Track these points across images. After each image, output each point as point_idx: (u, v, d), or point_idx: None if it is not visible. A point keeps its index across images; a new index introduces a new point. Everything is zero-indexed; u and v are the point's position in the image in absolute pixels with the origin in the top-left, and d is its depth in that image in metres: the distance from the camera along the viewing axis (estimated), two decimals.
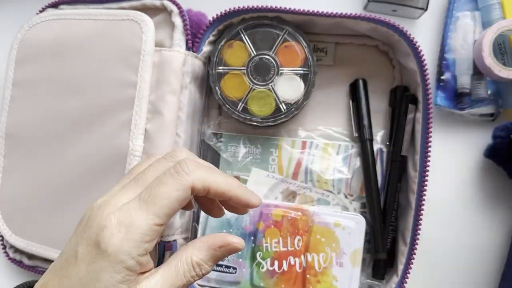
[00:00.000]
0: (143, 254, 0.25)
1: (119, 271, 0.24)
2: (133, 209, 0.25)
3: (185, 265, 0.27)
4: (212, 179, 0.27)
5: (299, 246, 0.41)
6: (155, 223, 0.25)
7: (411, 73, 0.42)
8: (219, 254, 0.28)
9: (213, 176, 0.27)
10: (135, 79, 0.40)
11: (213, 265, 0.28)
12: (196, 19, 0.44)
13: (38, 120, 0.43)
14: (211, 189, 0.27)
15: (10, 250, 0.46)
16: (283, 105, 0.42)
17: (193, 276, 0.27)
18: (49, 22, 0.44)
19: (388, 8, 0.44)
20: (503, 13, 0.43)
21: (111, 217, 0.25)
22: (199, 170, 0.27)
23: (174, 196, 0.25)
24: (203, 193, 0.27)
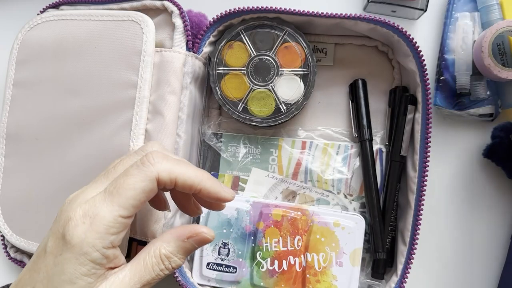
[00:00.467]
0: (109, 246, 0.25)
1: (84, 263, 0.24)
2: (99, 200, 0.25)
3: (153, 258, 0.26)
4: (179, 170, 0.26)
5: (299, 246, 0.41)
6: (120, 215, 0.25)
7: (411, 74, 0.42)
8: (188, 246, 0.27)
9: (180, 168, 0.26)
10: (135, 79, 0.40)
11: (184, 258, 0.27)
12: (197, 19, 0.44)
13: (38, 120, 0.43)
14: (178, 181, 0.26)
15: (11, 250, 0.46)
16: (283, 106, 0.43)
17: (162, 270, 0.26)
18: (50, 23, 0.44)
19: (387, 8, 0.45)
20: (502, 13, 0.43)
21: (77, 209, 0.25)
22: (166, 161, 0.26)
23: (139, 187, 0.25)
24: (170, 185, 0.26)
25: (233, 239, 0.42)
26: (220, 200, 0.29)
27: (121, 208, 0.25)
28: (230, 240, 0.42)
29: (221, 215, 0.43)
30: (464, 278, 0.45)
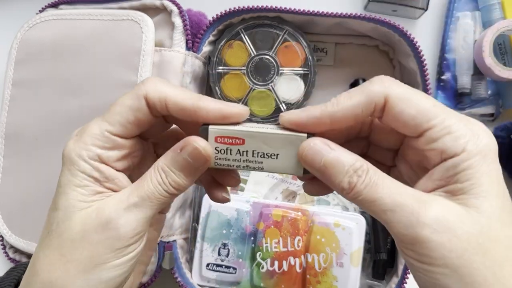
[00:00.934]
0: (95, 159, 0.24)
1: (75, 174, 0.24)
2: (93, 120, 0.25)
3: (152, 171, 0.25)
4: (171, 92, 0.24)
5: (299, 246, 0.41)
6: (106, 129, 0.24)
7: (412, 73, 0.42)
8: (181, 159, 0.24)
9: (173, 90, 0.24)
10: (135, 79, 0.40)
11: (181, 174, 0.24)
12: (196, 19, 0.43)
13: (38, 120, 0.43)
14: (168, 102, 0.24)
15: (10, 251, 0.46)
16: (283, 105, 0.42)
17: (160, 183, 0.24)
18: (49, 22, 0.44)
19: (388, 8, 0.44)
20: (503, 13, 0.43)
21: (75, 131, 0.26)
22: (159, 83, 0.24)
23: (127, 104, 0.24)
24: (160, 107, 0.24)
25: (233, 240, 0.42)
26: (226, 117, 0.24)
27: (106, 123, 0.24)
28: (230, 241, 0.42)
29: (221, 216, 0.42)
30: None
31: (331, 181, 0.23)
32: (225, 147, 0.25)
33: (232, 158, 0.25)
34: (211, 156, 0.24)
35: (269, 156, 0.25)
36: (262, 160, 0.25)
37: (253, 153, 0.25)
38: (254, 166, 0.25)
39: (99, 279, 0.23)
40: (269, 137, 0.25)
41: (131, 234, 0.23)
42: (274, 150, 0.25)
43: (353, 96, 0.24)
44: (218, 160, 0.25)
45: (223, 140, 0.24)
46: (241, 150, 0.25)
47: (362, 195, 0.22)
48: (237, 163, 0.25)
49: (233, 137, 0.25)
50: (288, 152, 0.25)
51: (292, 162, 0.25)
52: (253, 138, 0.24)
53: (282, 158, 0.25)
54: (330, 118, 0.24)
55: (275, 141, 0.25)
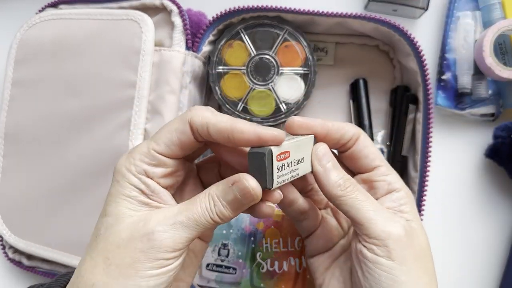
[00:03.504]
0: (142, 174, 0.26)
1: (124, 186, 0.26)
2: (144, 141, 0.28)
3: (202, 196, 0.26)
4: (212, 117, 0.26)
5: (299, 247, 0.41)
6: (153, 148, 0.26)
7: (412, 73, 0.42)
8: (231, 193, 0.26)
9: (215, 115, 0.26)
10: (134, 79, 0.40)
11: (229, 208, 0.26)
12: (196, 18, 0.43)
13: (37, 120, 0.43)
14: (209, 125, 0.26)
15: (10, 251, 0.46)
16: (283, 105, 0.42)
17: (208, 211, 0.26)
18: (49, 22, 0.44)
19: (388, 7, 0.44)
20: (503, 13, 0.43)
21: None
22: (204, 110, 0.27)
23: (173, 127, 0.27)
24: (202, 131, 0.26)
25: (233, 240, 0.42)
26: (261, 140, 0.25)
27: (154, 143, 0.27)
28: (230, 241, 0.42)
29: None
30: (466, 278, 0.45)
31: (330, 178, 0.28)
32: (281, 164, 0.26)
33: (285, 172, 0.26)
34: (259, 196, 0.25)
35: (300, 161, 0.27)
36: (298, 166, 0.27)
37: (294, 162, 0.27)
38: (294, 174, 0.27)
39: (137, 286, 0.24)
40: (299, 144, 0.27)
41: (172, 248, 0.25)
42: (302, 154, 0.27)
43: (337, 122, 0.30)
44: (279, 179, 0.26)
45: (281, 158, 0.26)
46: (288, 162, 0.26)
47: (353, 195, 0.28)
48: (288, 176, 0.27)
49: (285, 152, 0.26)
50: (307, 153, 0.28)
51: (309, 162, 0.28)
52: (291, 149, 0.26)
53: (305, 160, 0.28)
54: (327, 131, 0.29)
55: (302, 146, 0.27)
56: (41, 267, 0.46)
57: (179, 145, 0.27)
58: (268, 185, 0.25)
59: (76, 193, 0.42)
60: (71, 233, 0.42)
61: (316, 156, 0.28)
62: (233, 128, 0.25)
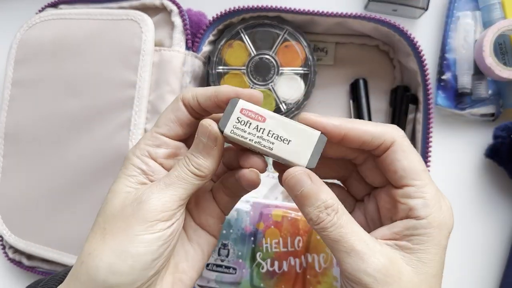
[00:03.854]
0: (145, 155, 0.28)
1: (127, 166, 0.28)
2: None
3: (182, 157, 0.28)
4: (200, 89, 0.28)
5: (299, 247, 0.41)
6: (155, 130, 0.29)
7: (412, 73, 0.42)
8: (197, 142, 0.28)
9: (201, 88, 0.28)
10: (134, 78, 0.40)
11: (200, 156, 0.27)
12: (196, 18, 0.43)
13: (37, 120, 0.43)
14: (198, 95, 0.28)
15: (10, 251, 0.46)
16: (283, 105, 0.42)
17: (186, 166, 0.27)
18: (49, 22, 0.44)
19: (388, 7, 0.44)
20: (503, 12, 0.43)
21: None
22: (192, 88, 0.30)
23: (169, 108, 0.29)
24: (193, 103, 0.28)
25: (233, 240, 0.42)
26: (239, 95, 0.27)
27: (156, 126, 0.29)
28: (230, 241, 0.42)
29: None
30: (466, 278, 0.45)
31: (302, 209, 0.26)
32: (246, 119, 0.27)
33: (248, 131, 0.27)
34: (217, 131, 0.27)
35: (282, 140, 0.27)
36: (274, 141, 0.27)
37: (269, 133, 0.27)
38: (265, 145, 0.27)
39: (128, 252, 0.25)
40: (289, 124, 0.27)
41: (161, 208, 0.26)
42: (288, 136, 0.27)
43: (368, 124, 0.27)
44: (235, 129, 0.27)
45: (247, 113, 0.27)
46: (259, 127, 0.27)
47: (327, 231, 0.25)
48: (251, 136, 0.27)
49: (257, 113, 0.27)
50: (299, 142, 0.27)
51: (299, 152, 0.27)
52: (274, 120, 0.27)
53: (293, 145, 0.27)
54: (345, 133, 0.27)
55: (292, 129, 0.27)
56: (41, 267, 0.46)
57: (177, 122, 0.28)
58: (221, 126, 0.27)
59: (76, 193, 0.42)
60: (71, 233, 0.42)
61: (287, 185, 0.26)
62: (217, 90, 0.27)
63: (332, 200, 0.26)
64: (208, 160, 0.27)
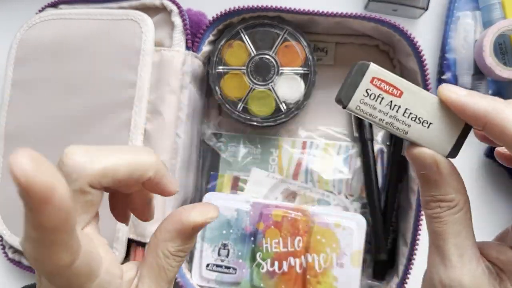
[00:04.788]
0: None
1: None
2: None
3: (167, 259, 0.25)
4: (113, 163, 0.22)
5: (299, 247, 0.41)
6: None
7: (412, 73, 0.42)
8: (195, 233, 0.25)
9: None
10: (134, 78, 0.40)
11: (194, 241, 0.25)
12: (196, 18, 0.43)
13: (37, 120, 0.43)
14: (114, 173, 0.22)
15: (9, 251, 0.46)
16: (283, 105, 0.42)
17: (179, 261, 0.25)
18: (49, 22, 0.44)
19: (388, 7, 0.44)
20: (503, 12, 0.43)
21: None
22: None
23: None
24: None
25: (233, 240, 0.42)
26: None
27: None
28: (230, 241, 0.42)
29: (221, 216, 0.42)
30: None
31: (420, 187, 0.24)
32: (378, 93, 0.22)
33: (379, 109, 0.22)
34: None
35: (421, 121, 0.22)
36: (411, 123, 0.22)
37: (405, 112, 0.22)
38: (398, 127, 0.22)
39: None
40: (432, 102, 0.22)
41: None
42: (429, 117, 0.22)
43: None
44: (363, 104, 0.22)
45: (380, 84, 0.22)
46: (394, 104, 0.22)
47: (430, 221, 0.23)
48: (382, 116, 0.22)
49: (393, 85, 0.22)
50: (442, 127, 0.22)
51: (442, 139, 0.22)
52: (413, 95, 0.22)
53: (434, 130, 0.22)
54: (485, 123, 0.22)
55: (435, 109, 0.22)
56: None
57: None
58: (343, 98, 0.22)
59: None
60: None
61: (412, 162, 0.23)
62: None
63: (452, 196, 0.23)
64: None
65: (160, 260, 0.25)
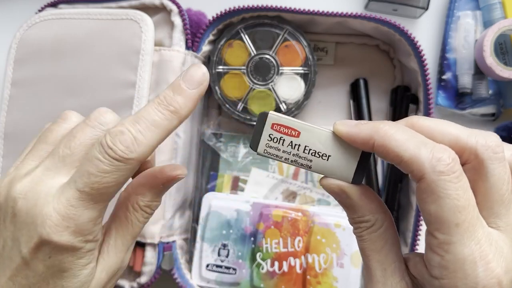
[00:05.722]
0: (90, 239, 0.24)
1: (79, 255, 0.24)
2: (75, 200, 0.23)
3: (135, 212, 0.26)
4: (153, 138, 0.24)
5: (300, 247, 0.41)
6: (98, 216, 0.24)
7: (412, 73, 0.42)
8: (164, 189, 0.27)
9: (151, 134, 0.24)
10: (134, 78, 0.40)
11: (161, 199, 0.27)
12: (196, 18, 0.43)
13: (37, 119, 0.43)
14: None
15: None
16: (283, 105, 0.42)
17: (146, 217, 0.27)
18: (48, 22, 0.44)
19: (389, 7, 0.44)
20: (504, 12, 0.43)
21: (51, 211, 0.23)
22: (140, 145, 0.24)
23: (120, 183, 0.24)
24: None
25: (233, 240, 0.42)
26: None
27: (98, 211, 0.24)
28: (230, 241, 0.42)
29: (221, 216, 0.42)
30: None
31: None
32: (278, 136, 0.25)
33: (282, 149, 0.25)
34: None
35: (320, 155, 0.24)
36: (312, 158, 0.25)
37: (305, 149, 0.24)
38: (302, 163, 0.25)
39: None
40: (326, 136, 0.24)
41: None
42: (326, 150, 0.24)
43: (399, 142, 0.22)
44: (268, 148, 0.25)
45: (279, 128, 0.25)
46: (294, 143, 0.25)
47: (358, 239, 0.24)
48: (286, 155, 0.25)
49: (290, 128, 0.25)
50: (341, 157, 0.24)
51: (343, 168, 0.24)
52: (309, 133, 0.24)
53: (333, 161, 0.24)
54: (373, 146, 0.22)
55: (330, 142, 0.24)
56: None
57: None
58: (252, 145, 0.25)
59: None
60: None
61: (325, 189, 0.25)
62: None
63: (368, 217, 0.24)
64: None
65: (129, 214, 0.26)
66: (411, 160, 0.21)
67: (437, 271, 0.21)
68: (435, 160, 0.20)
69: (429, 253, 0.21)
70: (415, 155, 0.21)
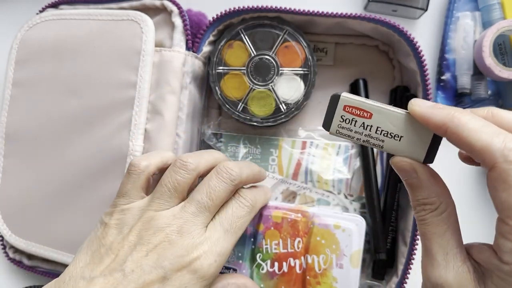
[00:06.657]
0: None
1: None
2: (222, 239, 0.31)
3: None
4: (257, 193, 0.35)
5: (299, 248, 0.41)
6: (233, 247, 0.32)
7: (412, 73, 0.42)
8: None
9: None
10: (135, 79, 0.40)
11: None
12: (196, 19, 0.43)
13: (38, 120, 0.43)
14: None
15: (10, 250, 0.46)
16: (283, 105, 0.42)
17: None
18: (49, 22, 0.44)
19: (388, 8, 0.44)
20: (503, 13, 0.43)
21: (204, 248, 0.30)
22: (253, 191, 0.34)
23: (247, 223, 0.34)
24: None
25: None
26: None
27: (234, 244, 0.32)
28: None
29: None
30: None
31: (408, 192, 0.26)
32: (350, 117, 0.25)
33: (354, 130, 0.25)
34: None
35: (393, 136, 0.25)
36: (384, 138, 0.25)
37: (377, 130, 0.25)
38: (374, 143, 0.25)
39: None
40: (398, 117, 0.25)
41: None
42: (399, 131, 0.25)
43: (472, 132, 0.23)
44: (341, 128, 0.25)
45: (351, 110, 0.25)
46: (366, 124, 0.25)
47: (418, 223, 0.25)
48: (358, 135, 0.25)
49: (362, 109, 0.25)
50: (413, 138, 0.25)
51: (414, 148, 0.25)
52: (381, 114, 0.25)
53: (405, 141, 0.25)
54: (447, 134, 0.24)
55: (402, 124, 0.25)
56: (42, 267, 0.46)
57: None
58: (325, 125, 0.26)
59: (77, 193, 0.42)
60: (72, 232, 0.42)
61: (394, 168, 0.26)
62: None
63: (433, 199, 0.25)
64: None
65: None
66: (483, 150, 0.22)
67: (508, 256, 0.22)
68: (507, 150, 0.21)
69: (500, 239, 0.22)
70: (487, 144, 0.22)
